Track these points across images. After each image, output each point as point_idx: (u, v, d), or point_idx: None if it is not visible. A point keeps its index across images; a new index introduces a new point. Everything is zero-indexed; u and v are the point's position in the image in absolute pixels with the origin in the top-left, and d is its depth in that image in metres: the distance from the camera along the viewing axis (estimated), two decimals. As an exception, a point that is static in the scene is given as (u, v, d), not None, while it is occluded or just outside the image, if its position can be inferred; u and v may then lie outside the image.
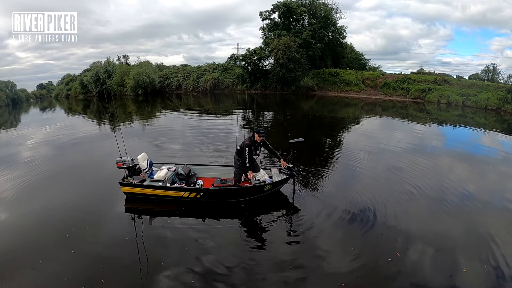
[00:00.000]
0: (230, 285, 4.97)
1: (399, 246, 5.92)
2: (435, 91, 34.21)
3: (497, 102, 28.65)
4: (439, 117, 24.65)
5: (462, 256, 5.57)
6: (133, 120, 25.00)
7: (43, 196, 8.58)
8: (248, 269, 5.37)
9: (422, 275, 5.12)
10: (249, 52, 46.74)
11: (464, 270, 5.22)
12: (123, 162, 7.92)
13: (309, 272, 5.23)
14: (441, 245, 5.94)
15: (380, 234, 6.37)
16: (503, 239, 6.11)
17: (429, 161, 11.18)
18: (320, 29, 45.82)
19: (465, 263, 5.38)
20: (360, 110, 29.14)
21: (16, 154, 14.02)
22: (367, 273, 5.18)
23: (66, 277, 5.13)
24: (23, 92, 71.45)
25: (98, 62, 55.33)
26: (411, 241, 6.08)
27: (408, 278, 5.08)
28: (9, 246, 6.14)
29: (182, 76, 52.82)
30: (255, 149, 7.74)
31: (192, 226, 6.85)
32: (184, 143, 14.64)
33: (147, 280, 5.07)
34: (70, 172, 10.75)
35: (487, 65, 52.01)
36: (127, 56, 63.14)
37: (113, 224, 7.00)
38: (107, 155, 11.68)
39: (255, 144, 7.74)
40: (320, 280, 5.04)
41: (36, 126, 24.63)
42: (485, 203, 7.77)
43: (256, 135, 7.70)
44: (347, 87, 42.20)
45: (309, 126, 20.79)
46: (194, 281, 5.05)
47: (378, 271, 5.24)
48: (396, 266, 5.35)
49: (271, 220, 7.08)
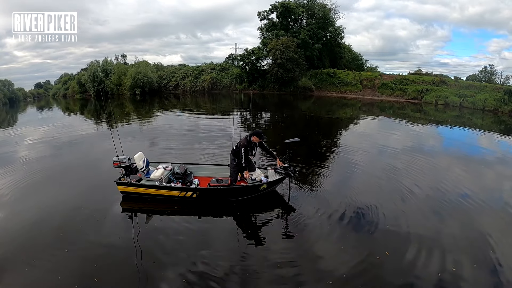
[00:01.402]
0: (225, 284, 4.98)
1: (392, 245, 5.95)
2: (433, 92, 34.26)
3: (494, 103, 28.74)
4: (436, 118, 24.72)
5: (456, 256, 5.61)
6: (130, 119, 24.95)
7: (39, 195, 8.56)
8: (243, 268, 5.39)
9: (413, 274, 5.15)
10: (247, 52, 46.64)
11: (453, 269, 5.25)
12: (120, 161, 7.93)
13: (304, 271, 5.26)
14: (433, 244, 5.98)
15: (376, 234, 6.40)
16: (498, 239, 6.15)
17: (426, 162, 11.22)
18: (318, 30, 45.83)
19: (458, 263, 5.42)
20: (358, 111, 29.19)
21: (12, 153, 13.98)
22: (360, 272, 5.21)
23: (59, 276, 5.14)
24: (21, 91, 71.12)
25: (96, 62, 55.00)
26: (405, 240, 6.11)
27: (400, 277, 5.10)
28: (2, 244, 6.12)
29: (180, 75, 52.68)
30: (251, 150, 7.76)
31: (188, 226, 6.85)
32: (180, 142, 14.63)
33: (142, 278, 5.07)
34: (67, 171, 10.73)
35: (484, 66, 52.00)
36: (125, 55, 63.01)
37: (109, 223, 7.00)
38: (103, 154, 11.69)
39: (251, 144, 7.76)
40: (313, 279, 5.06)
41: (33, 125, 24.54)
42: (481, 204, 7.79)
43: (254, 137, 7.71)
44: (345, 88, 42.20)
45: (307, 126, 20.80)
46: (188, 280, 5.05)
47: (371, 270, 5.27)
48: (387, 265, 5.38)
49: (266, 220, 7.11)
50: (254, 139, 7.72)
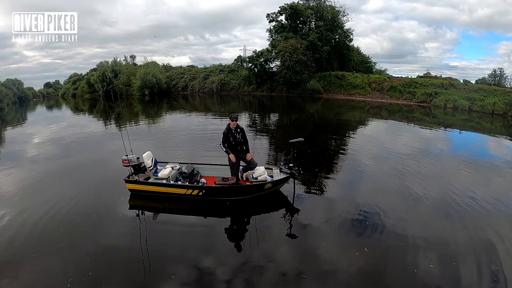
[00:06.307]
0: (228, 282, 5.04)
1: (398, 250, 5.95)
2: (442, 95, 33.98)
3: (503, 106, 28.47)
4: (445, 121, 24.46)
5: (464, 262, 5.59)
6: (139, 120, 25.21)
7: (47, 193, 8.70)
8: (246, 267, 5.45)
9: (418, 278, 5.15)
10: (255, 54, 46.85)
11: (461, 274, 5.22)
12: (129, 160, 8.04)
13: (307, 272, 5.29)
14: (440, 249, 5.96)
15: (381, 238, 6.40)
16: (506, 245, 6.11)
17: (434, 166, 11.15)
18: (327, 32, 45.83)
19: (467, 269, 5.40)
20: (366, 114, 29.06)
21: (22, 151, 14.24)
22: (363, 275, 5.24)
23: (65, 271, 5.25)
24: (30, 91, 72.29)
25: (105, 62, 55.65)
26: (412, 245, 6.10)
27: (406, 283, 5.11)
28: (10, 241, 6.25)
29: (189, 77, 53.05)
30: (232, 135, 7.85)
31: (193, 224, 6.97)
32: (188, 143, 14.72)
33: (147, 276, 5.17)
34: (77, 169, 10.92)
35: (494, 69, 51.54)
36: (134, 56, 63.67)
37: (116, 220, 7.15)
38: (112, 153, 11.83)
39: (232, 131, 7.87)
40: (316, 280, 5.08)
41: (42, 124, 24.94)
42: (489, 209, 7.70)
43: (230, 122, 7.86)
44: (353, 90, 42.05)
45: (315, 128, 20.79)
46: (193, 278, 5.14)
47: (375, 274, 5.28)
48: (392, 270, 5.41)
49: (271, 220, 7.17)
50: (231, 124, 7.85)
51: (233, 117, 7.87)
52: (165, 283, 5.00)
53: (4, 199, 8.33)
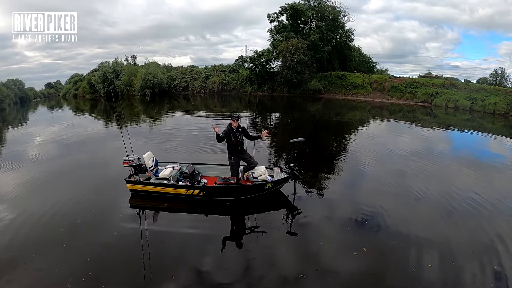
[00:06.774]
0: (228, 283, 5.03)
1: (400, 250, 5.94)
2: (443, 95, 33.90)
3: (505, 106, 28.40)
4: (446, 121, 24.38)
5: (465, 262, 5.58)
6: (140, 120, 25.23)
7: (48, 192, 8.75)
8: (247, 267, 5.45)
9: (420, 279, 5.14)
10: (256, 54, 46.81)
11: (462, 275, 5.20)
12: (130, 160, 8.07)
13: (307, 272, 5.28)
14: (442, 249, 5.93)
15: (382, 238, 6.39)
16: (508, 245, 6.08)
17: (435, 166, 11.10)
18: (328, 32, 45.78)
19: (468, 269, 5.39)
20: (367, 114, 29.00)
21: (23, 151, 14.27)
22: (364, 275, 5.23)
23: (65, 271, 5.25)
24: (32, 91, 72.53)
25: (106, 62, 55.75)
26: (414, 245, 6.08)
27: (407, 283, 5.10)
28: (11, 240, 6.27)
29: (190, 77, 53.09)
30: (233, 135, 7.83)
31: (194, 224, 6.99)
32: (189, 143, 14.73)
33: (147, 275, 5.17)
34: (77, 169, 10.93)
35: (495, 69, 51.43)
36: (135, 56, 63.77)
37: (117, 219, 7.16)
38: (113, 153, 11.84)
39: (233, 130, 7.86)
40: (316, 280, 5.07)
41: (43, 124, 24.98)
42: (491, 209, 7.66)
43: (231, 122, 7.86)
44: (355, 90, 41.98)
45: (315, 128, 20.77)
46: (193, 278, 5.14)
47: (376, 275, 5.27)
48: (393, 271, 5.40)
49: (271, 220, 7.16)
50: (233, 123, 7.85)
51: (234, 116, 7.88)
52: (165, 283, 4.99)
53: (4, 199, 8.34)
